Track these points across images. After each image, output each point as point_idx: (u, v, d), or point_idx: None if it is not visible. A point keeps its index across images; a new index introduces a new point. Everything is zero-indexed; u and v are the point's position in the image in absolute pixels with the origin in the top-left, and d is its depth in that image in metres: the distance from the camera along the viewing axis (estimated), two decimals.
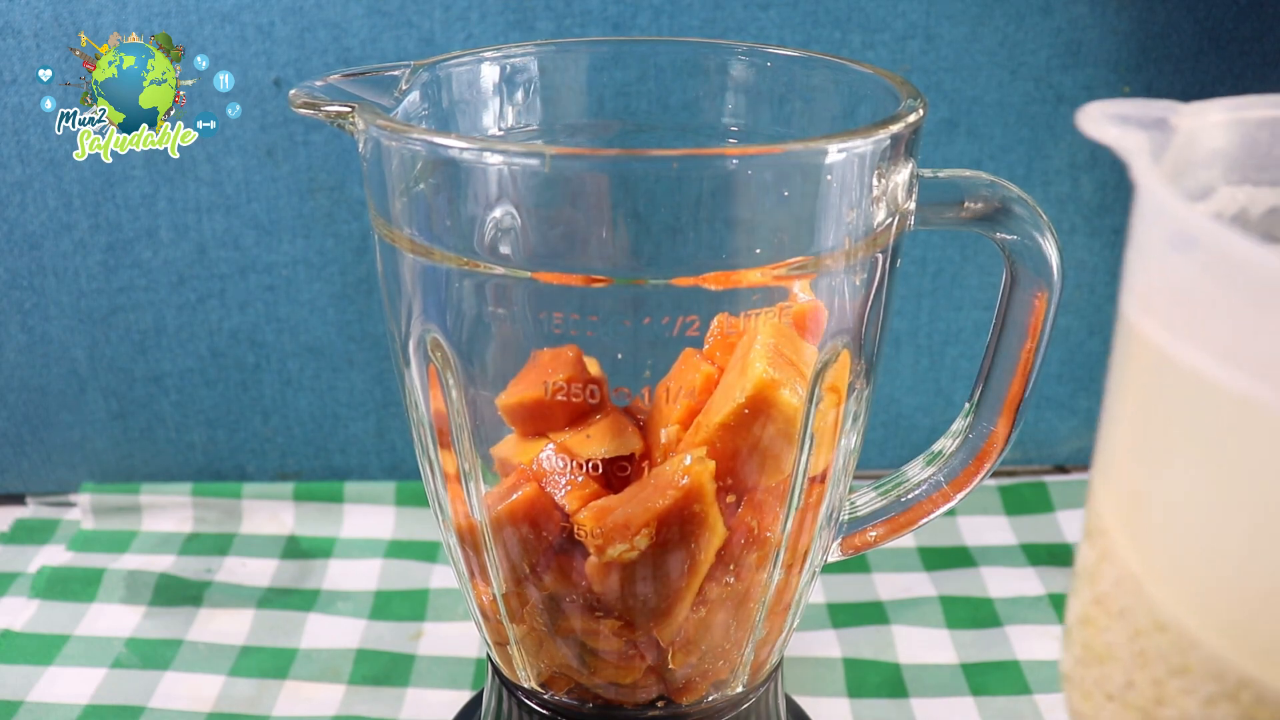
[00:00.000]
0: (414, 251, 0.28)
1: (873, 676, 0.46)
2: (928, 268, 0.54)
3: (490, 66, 0.34)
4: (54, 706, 0.44)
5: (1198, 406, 0.17)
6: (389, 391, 0.56)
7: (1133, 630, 0.18)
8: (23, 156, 0.50)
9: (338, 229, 0.52)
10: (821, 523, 0.32)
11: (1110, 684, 0.19)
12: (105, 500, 0.56)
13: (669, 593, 0.30)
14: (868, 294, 0.29)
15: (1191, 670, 0.17)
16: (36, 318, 0.54)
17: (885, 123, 0.27)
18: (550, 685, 0.34)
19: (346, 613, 0.49)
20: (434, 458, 0.32)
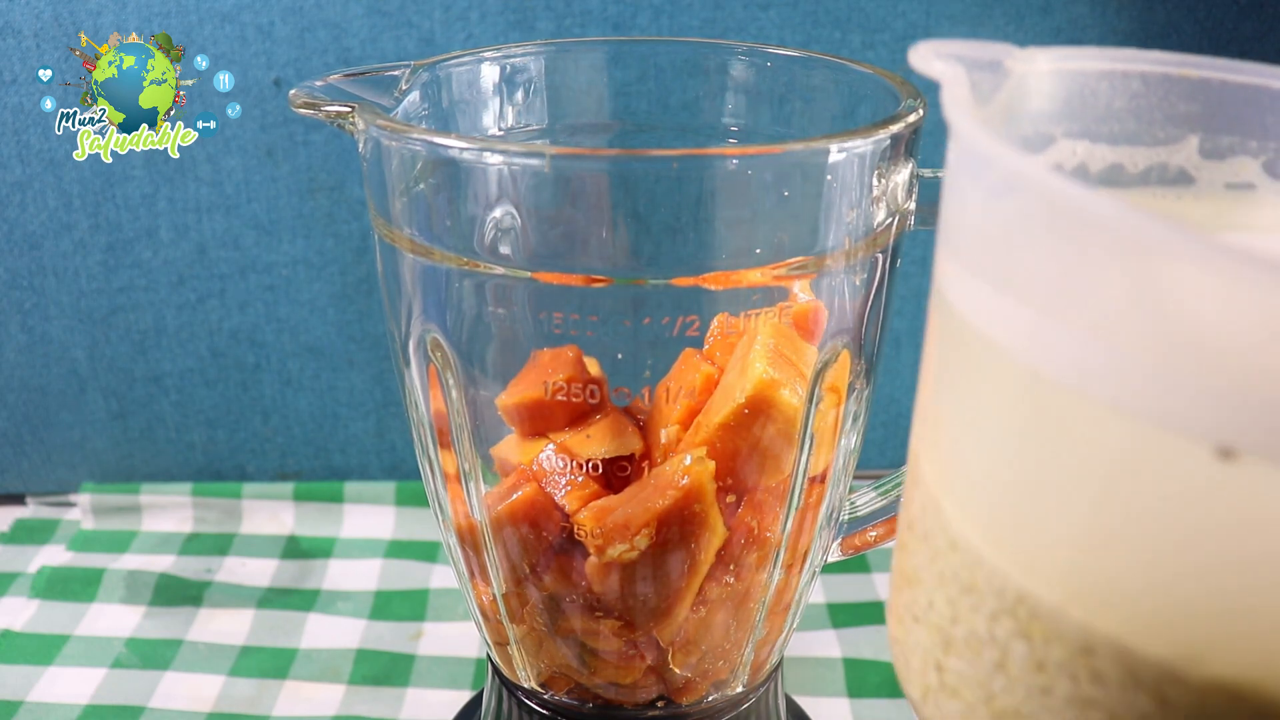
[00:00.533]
0: (414, 251, 0.28)
1: (873, 676, 0.46)
2: (928, 268, 0.54)
3: (490, 66, 0.34)
4: (54, 706, 0.44)
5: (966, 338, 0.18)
6: (389, 391, 0.56)
7: (933, 551, 0.19)
8: (23, 156, 0.50)
9: (338, 229, 0.52)
10: (821, 523, 0.32)
11: (916, 606, 0.20)
12: (105, 500, 0.56)
13: (669, 593, 0.30)
14: (868, 294, 0.29)
15: (978, 587, 0.18)
16: (36, 318, 0.54)
17: (885, 123, 0.27)
18: (550, 685, 0.34)
19: (346, 613, 0.49)
20: (434, 458, 0.32)
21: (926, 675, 0.19)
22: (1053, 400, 0.16)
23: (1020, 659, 0.17)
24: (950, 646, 0.19)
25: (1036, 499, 0.17)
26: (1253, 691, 0.15)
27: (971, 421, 0.18)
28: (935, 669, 0.19)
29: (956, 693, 0.19)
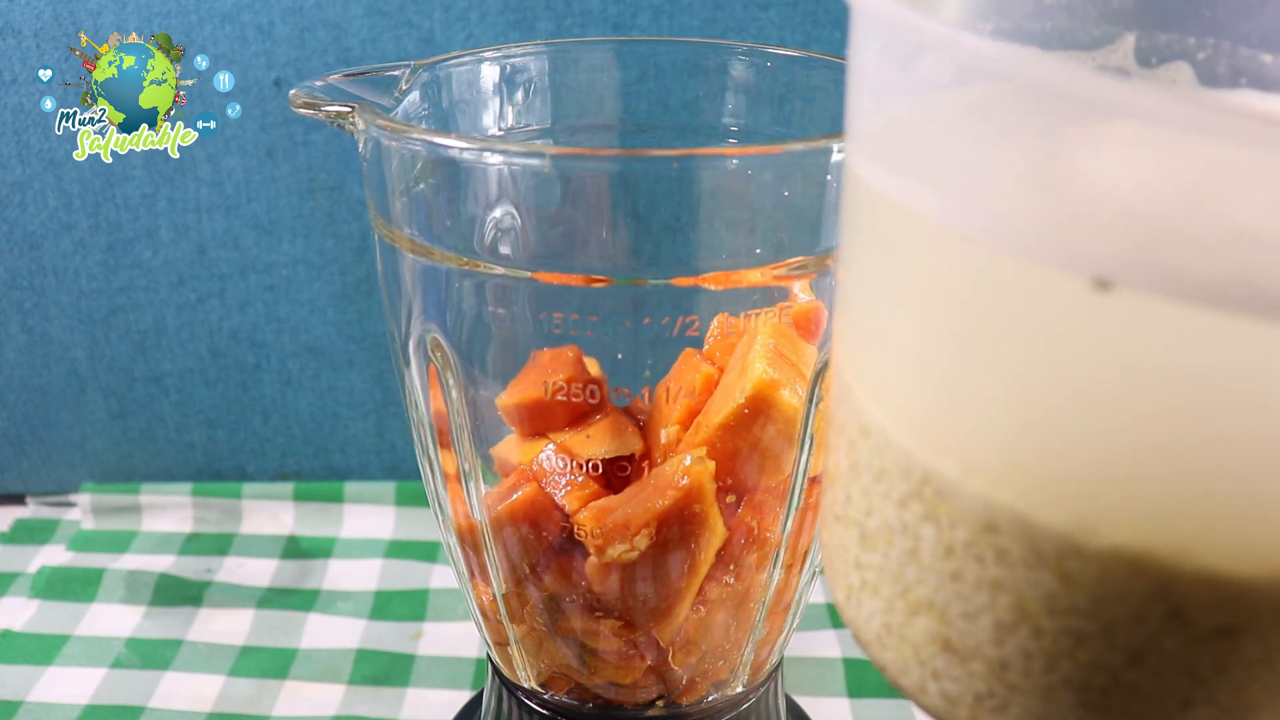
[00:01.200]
0: (414, 251, 0.28)
1: (873, 676, 0.46)
2: None
3: (490, 66, 0.34)
4: (54, 706, 0.44)
5: (873, 214, 0.18)
6: (389, 391, 0.56)
7: (848, 442, 0.19)
8: (23, 156, 0.50)
9: (338, 229, 0.52)
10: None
11: (836, 504, 0.20)
12: (105, 500, 0.56)
13: (669, 593, 0.30)
14: None
15: (888, 472, 0.18)
16: (36, 318, 0.54)
17: None
18: (550, 685, 0.34)
19: (346, 613, 0.49)
20: (434, 458, 0.32)
21: (848, 575, 0.19)
22: (945, 254, 0.16)
23: (930, 545, 0.17)
24: (866, 541, 0.19)
25: (933, 367, 0.17)
26: (1151, 561, 0.15)
27: (874, 297, 0.18)
28: (855, 566, 0.19)
29: (876, 589, 0.19)
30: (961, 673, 0.17)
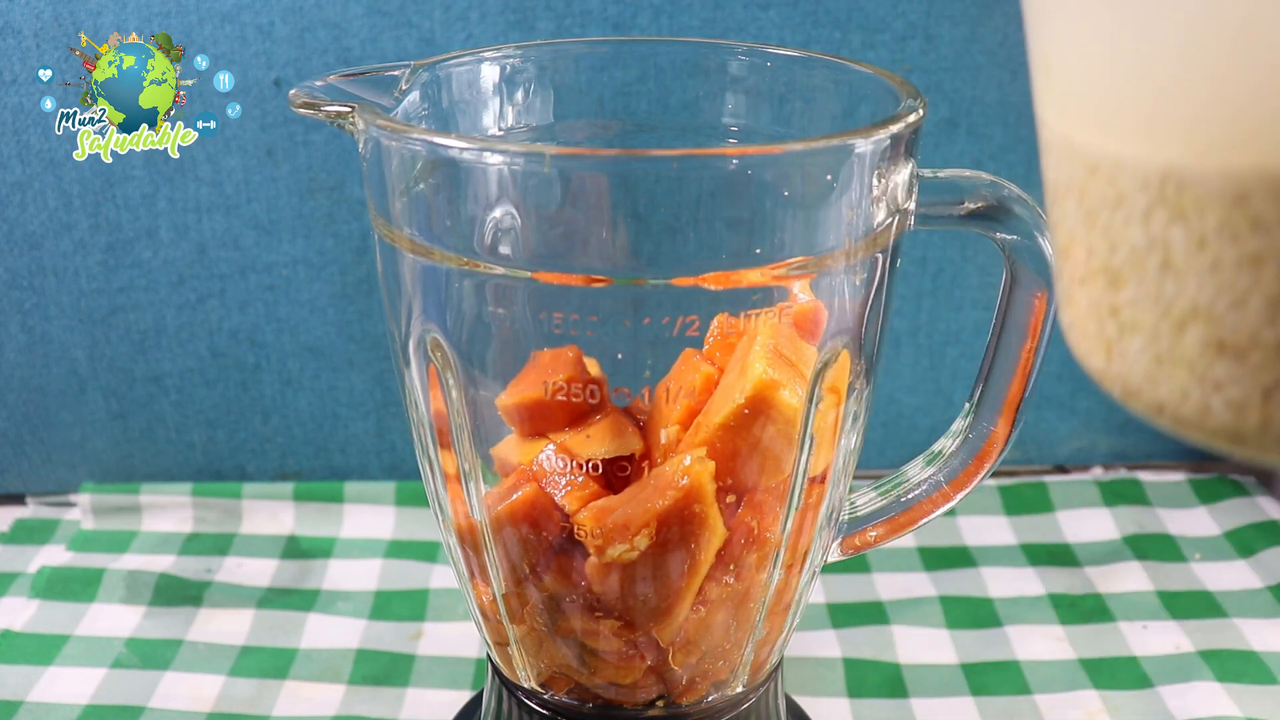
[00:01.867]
0: (414, 251, 0.28)
1: (873, 676, 0.46)
2: (928, 268, 0.54)
3: (490, 66, 0.34)
4: (54, 706, 0.44)
5: None
6: (389, 391, 0.56)
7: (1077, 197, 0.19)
8: (23, 156, 0.50)
9: (338, 229, 0.52)
10: (821, 523, 0.32)
11: (1077, 270, 0.20)
12: (105, 500, 0.56)
13: (669, 593, 0.30)
14: (868, 294, 0.29)
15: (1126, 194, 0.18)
16: (36, 318, 0.54)
17: (885, 123, 0.27)
18: (550, 685, 0.34)
19: (346, 613, 0.49)
20: (434, 458, 0.32)
21: (1105, 330, 0.19)
22: None
23: (1182, 247, 0.17)
24: (1116, 280, 0.19)
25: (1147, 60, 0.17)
26: None
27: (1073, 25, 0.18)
28: (1110, 315, 0.19)
29: (1136, 325, 0.19)
30: (1243, 371, 0.17)
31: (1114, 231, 0.19)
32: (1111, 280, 0.19)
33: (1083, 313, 0.20)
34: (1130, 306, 0.19)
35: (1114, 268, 0.19)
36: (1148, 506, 0.56)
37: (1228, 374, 0.17)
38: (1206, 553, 0.53)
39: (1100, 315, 0.19)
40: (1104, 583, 0.51)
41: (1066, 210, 0.20)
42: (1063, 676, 0.45)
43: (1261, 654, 0.46)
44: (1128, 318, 0.19)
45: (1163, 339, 0.18)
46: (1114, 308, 0.19)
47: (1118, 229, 0.18)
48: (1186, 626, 0.48)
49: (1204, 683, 0.44)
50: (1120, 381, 0.19)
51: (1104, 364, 0.20)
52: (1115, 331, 0.19)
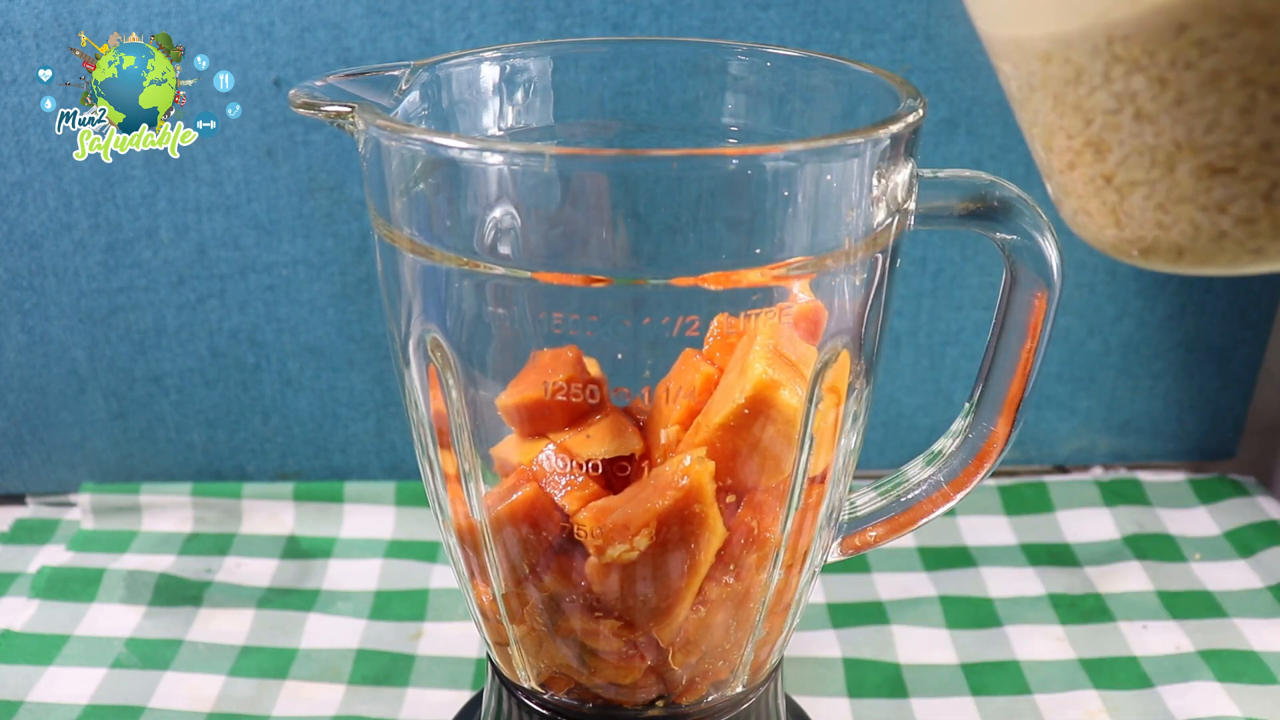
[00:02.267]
0: (414, 251, 0.28)
1: (873, 676, 0.46)
2: (928, 268, 0.54)
3: (490, 66, 0.34)
4: (54, 706, 0.44)
5: None
6: (389, 391, 0.56)
7: (1041, 89, 0.20)
8: (23, 156, 0.50)
9: (338, 229, 0.52)
10: (821, 523, 0.32)
11: (1063, 154, 0.21)
12: (105, 500, 0.56)
13: (669, 593, 0.30)
14: (868, 294, 0.29)
15: (1082, 67, 0.19)
16: (36, 318, 0.54)
17: (885, 123, 0.27)
18: (550, 685, 0.34)
19: (346, 613, 0.49)
20: (434, 458, 0.32)
21: (1107, 200, 0.20)
22: None
23: (1146, 92, 0.18)
24: (1100, 149, 0.20)
25: None
26: None
27: None
28: (1106, 184, 0.20)
29: (1132, 183, 0.20)
30: (1239, 185, 0.18)
31: (1084, 105, 0.20)
32: (1097, 150, 0.20)
33: (1082, 193, 0.21)
34: (1121, 167, 0.20)
35: (1095, 138, 0.20)
36: (1148, 506, 0.56)
37: (1227, 192, 0.18)
38: (1206, 553, 0.53)
39: (1098, 188, 0.20)
40: (1104, 583, 0.51)
41: (1037, 107, 0.21)
42: (1063, 676, 0.45)
43: (1261, 654, 0.46)
44: (1122, 178, 0.20)
45: (1159, 184, 0.19)
46: (1107, 175, 0.20)
47: (1086, 101, 0.20)
48: (1186, 626, 0.48)
49: (1204, 683, 0.44)
50: (1136, 242, 0.20)
51: (1116, 231, 0.20)
52: (1116, 196, 0.20)
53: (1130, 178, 0.20)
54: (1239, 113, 0.18)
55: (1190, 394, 0.58)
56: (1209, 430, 0.59)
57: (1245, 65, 0.17)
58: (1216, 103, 0.18)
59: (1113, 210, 0.20)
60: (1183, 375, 0.58)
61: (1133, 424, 0.59)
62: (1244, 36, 0.17)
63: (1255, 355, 0.57)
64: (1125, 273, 0.55)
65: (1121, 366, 0.57)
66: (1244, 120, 0.18)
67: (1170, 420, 0.59)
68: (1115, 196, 0.20)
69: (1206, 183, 0.18)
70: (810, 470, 0.30)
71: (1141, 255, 0.20)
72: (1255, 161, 0.18)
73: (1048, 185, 0.22)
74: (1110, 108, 0.19)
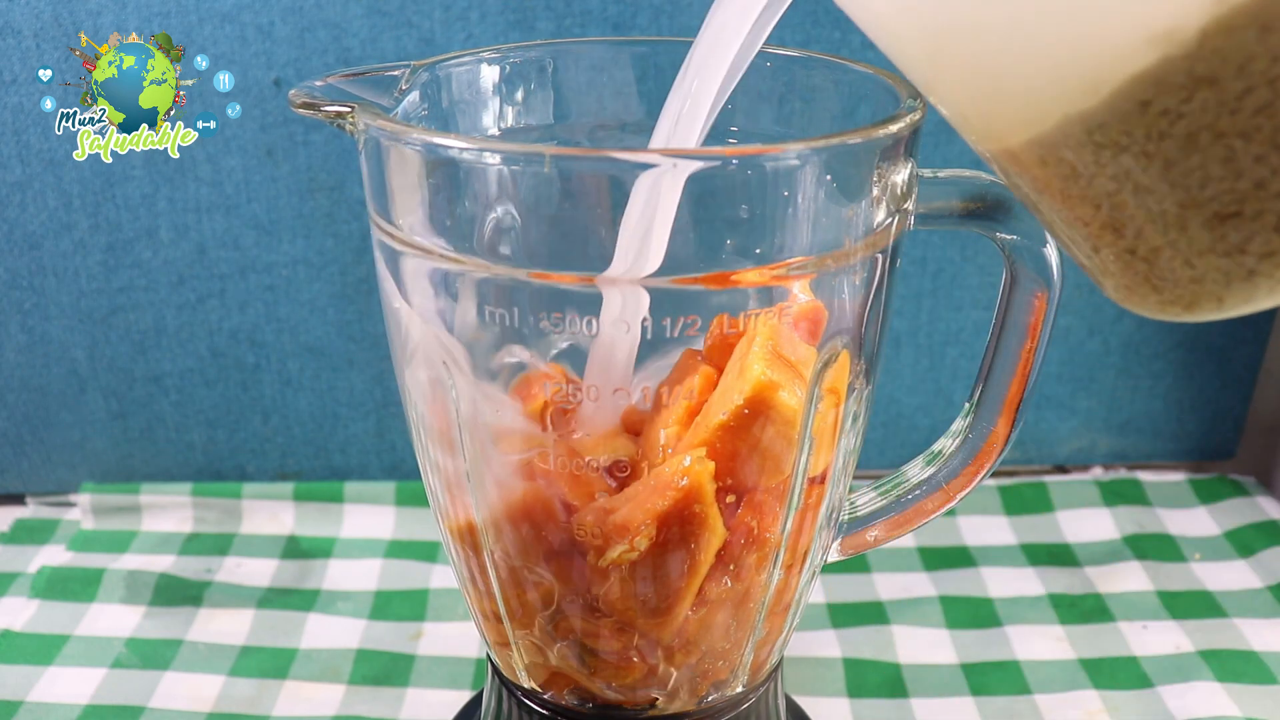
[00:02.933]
0: (414, 251, 0.28)
1: (873, 676, 0.46)
2: (928, 268, 0.54)
3: (490, 66, 0.34)
4: (54, 706, 0.44)
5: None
6: (389, 391, 0.56)
7: (1047, 190, 0.22)
8: (23, 156, 0.50)
9: (338, 229, 0.52)
10: (821, 523, 0.32)
11: (1088, 242, 0.22)
12: (105, 500, 0.56)
13: (669, 593, 0.30)
14: (868, 294, 0.29)
15: (1073, 162, 0.20)
16: (36, 318, 0.54)
17: (885, 123, 0.27)
18: (550, 685, 0.34)
19: (346, 613, 0.49)
20: (434, 458, 0.32)
21: (1138, 271, 0.21)
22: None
23: (1136, 166, 0.19)
24: (1116, 227, 0.21)
25: (1003, 59, 0.20)
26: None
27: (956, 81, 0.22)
28: (1132, 256, 0.21)
29: (1154, 250, 0.20)
30: (1250, 225, 0.19)
31: (1088, 194, 0.21)
32: (1114, 230, 0.21)
33: (1115, 270, 0.22)
34: (1139, 239, 0.21)
35: (1108, 219, 0.21)
36: (1148, 506, 0.56)
37: (1240, 235, 0.19)
38: (1206, 553, 0.53)
39: (1126, 262, 0.21)
40: (1104, 583, 0.51)
41: (1049, 206, 0.22)
42: (1063, 676, 0.45)
43: (1261, 654, 0.46)
44: (1144, 248, 0.21)
45: (1179, 244, 0.20)
46: (1130, 249, 0.21)
47: (1089, 190, 0.21)
48: (1186, 626, 0.48)
49: (1204, 683, 0.44)
50: (1177, 300, 0.21)
51: (1158, 297, 0.21)
52: (1145, 266, 0.21)
53: (1151, 245, 0.20)
54: (1223, 163, 0.18)
55: (1190, 394, 0.58)
56: (1209, 430, 0.59)
57: (1212, 122, 0.18)
58: (1200, 160, 0.19)
59: (1146, 279, 0.21)
60: (1183, 375, 0.58)
61: (1133, 424, 0.59)
62: (1200, 98, 0.18)
63: (1255, 355, 0.57)
64: None
65: (1121, 366, 0.57)
66: (1230, 169, 0.18)
67: (1170, 420, 0.59)
68: (1145, 266, 0.21)
69: (1219, 230, 0.19)
70: (810, 470, 0.30)
71: (1187, 311, 0.21)
72: (1255, 200, 0.19)
73: (1086, 272, 0.23)
74: (1111, 189, 0.20)
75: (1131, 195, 0.20)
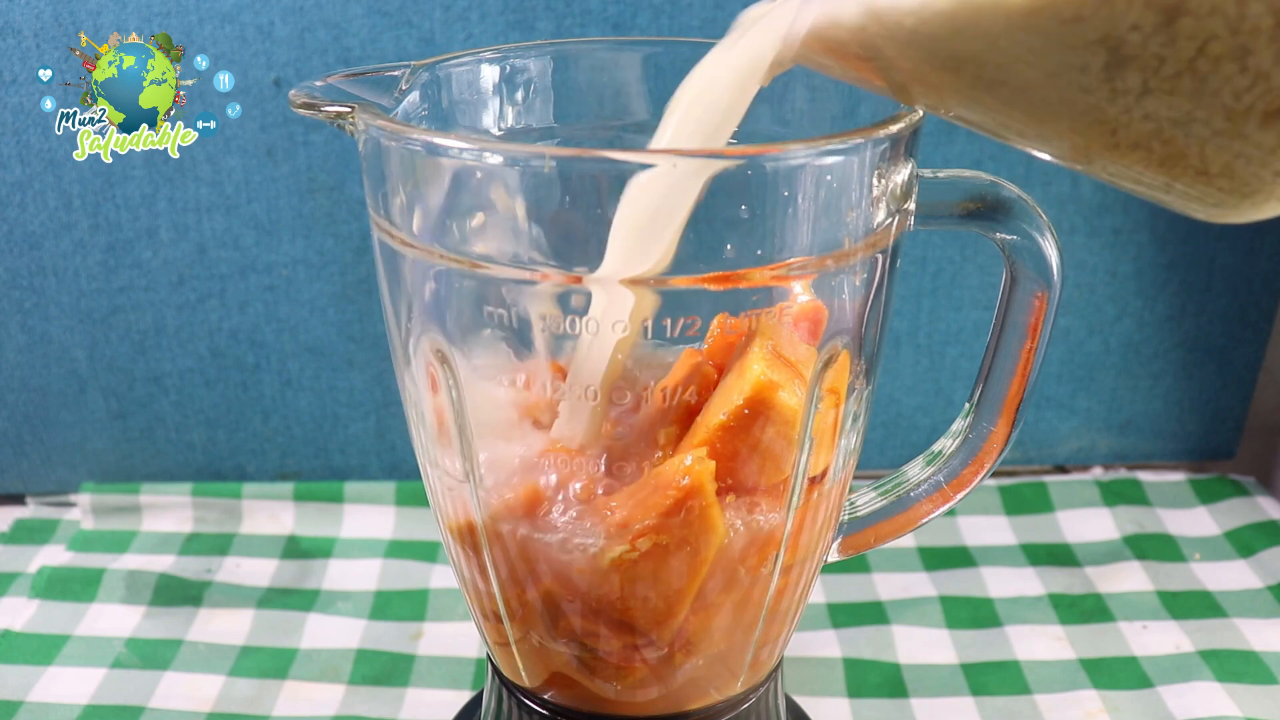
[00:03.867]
0: (414, 251, 0.28)
1: (873, 676, 0.46)
2: (928, 268, 0.54)
3: (490, 66, 0.34)
4: (54, 706, 0.44)
5: None
6: (389, 391, 0.56)
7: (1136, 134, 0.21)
8: (23, 156, 0.50)
9: (338, 229, 0.52)
10: (821, 523, 0.32)
11: (1152, 182, 0.22)
12: (105, 500, 0.56)
13: (669, 593, 0.30)
14: (868, 294, 0.29)
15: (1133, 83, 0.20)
16: (36, 318, 0.54)
17: (885, 123, 0.27)
18: (550, 685, 0.34)
19: (346, 613, 0.49)
20: (434, 458, 0.32)
21: (1220, 189, 0.21)
22: None
23: (1161, 105, 0.20)
24: (1175, 160, 0.21)
25: None
26: None
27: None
28: (1206, 177, 0.21)
29: (1214, 150, 0.21)
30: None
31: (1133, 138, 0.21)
32: (1176, 162, 0.21)
33: (1200, 195, 0.22)
34: (1206, 161, 0.21)
35: (1164, 155, 0.21)
36: (1148, 506, 0.56)
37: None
38: (1206, 553, 0.53)
39: (1206, 183, 0.22)
40: (1104, 583, 0.51)
41: (1106, 164, 0.22)
42: (1063, 676, 0.45)
43: (1261, 654, 0.46)
44: (1215, 167, 0.21)
45: (1247, 151, 0.20)
46: (1202, 171, 0.21)
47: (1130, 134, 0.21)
48: (1186, 626, 0.48)
49: (1204, 683, 0.44)
50: (1274, 196, 0.21)
51: (1252, 201, 0.22)
52: (1226, 181, 0.21)
53: (1221, 163, 0.21)
54: (1243, 72, 0.19)
55: (1190, 394, 0.58)
56: (1209, 430, 0.59)
57: (1219, 42, 0.19)
58: (1220, 76, 0.19)
59: (1233, 191, 0.21)
60: (1183, 375, 0.58)
61: (1133, 424, 0.59)
62: (1198, 26, 0.19)
63: (1255, 355, 0.57)
64: (1125, 273, 0.55)
65: (1121, 366, 0.57)
66: (1254, 74, 0.19)
67: (1170, 420, 0.59)
68: (1225, 181, 0.21)
69: (1277, 126, 0.20)
70: (810, 470, 0.30)
71: (1252, 211, 0.22)
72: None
73: (1177, 209, 0.24)
74: (1150, 130, 0.21)
75: (1174, 129, 0.20)
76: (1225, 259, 0.55)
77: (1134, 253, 0.54)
